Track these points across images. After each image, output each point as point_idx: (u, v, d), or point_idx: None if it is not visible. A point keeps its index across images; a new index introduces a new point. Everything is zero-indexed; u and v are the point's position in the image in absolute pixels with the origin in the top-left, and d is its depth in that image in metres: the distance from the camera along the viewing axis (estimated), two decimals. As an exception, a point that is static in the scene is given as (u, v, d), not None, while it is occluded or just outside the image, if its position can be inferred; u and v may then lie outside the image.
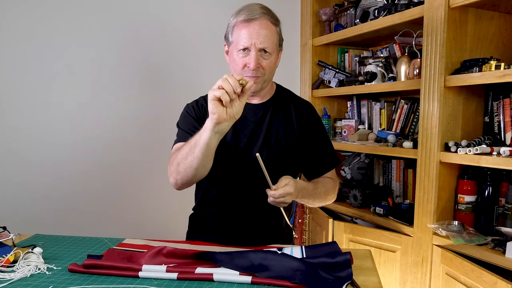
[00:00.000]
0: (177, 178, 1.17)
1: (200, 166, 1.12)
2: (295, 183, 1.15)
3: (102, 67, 2.13)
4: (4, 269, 0.96)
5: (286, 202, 1.14)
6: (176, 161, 1.17)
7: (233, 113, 1.05)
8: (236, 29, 1.22)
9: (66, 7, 2.03)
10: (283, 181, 1.14)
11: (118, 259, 1.00)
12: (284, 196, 1.12)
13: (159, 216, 2.29)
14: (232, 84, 1.01)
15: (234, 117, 1.07)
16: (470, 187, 1.64)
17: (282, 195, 1.11)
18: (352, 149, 2.21)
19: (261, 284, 0.90)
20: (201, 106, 1.33)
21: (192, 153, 1.11)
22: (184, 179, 1.17)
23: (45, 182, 2.04)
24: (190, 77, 2.32)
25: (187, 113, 1.34)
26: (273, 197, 1.12)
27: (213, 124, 1.05)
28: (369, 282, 0.93)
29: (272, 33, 1.22)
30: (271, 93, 1.35)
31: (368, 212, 2.05)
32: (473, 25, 1.67)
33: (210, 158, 1.13)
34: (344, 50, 2.57)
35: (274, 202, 1.13)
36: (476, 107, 1.72)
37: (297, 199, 1.21)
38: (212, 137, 1.07)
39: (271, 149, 1.29)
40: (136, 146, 2.23)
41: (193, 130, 1.25)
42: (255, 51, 1.19)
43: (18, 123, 1.99)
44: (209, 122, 1.06)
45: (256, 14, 1.20)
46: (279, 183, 1.13)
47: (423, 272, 1.71)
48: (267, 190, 1.13)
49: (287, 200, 1.13)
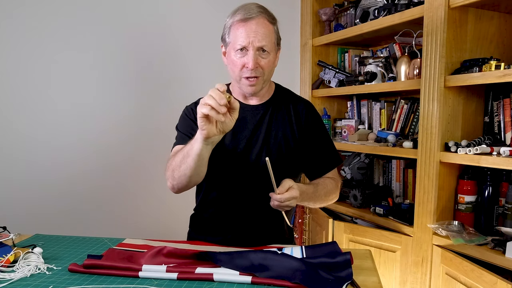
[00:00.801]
0: (173, 184, 1.19)
1: (194, 174, 1.14)
2: (298, 187, 1.14)
3: (102, 68, 2.13)
4: (4, 269, 0.96)
5: (291, 206, 1.13)
6: (171, 167, 1.18)
7: (223, 128, 1.05)
8: (233, 29, 1.21)
9: (66, 8, 2.03)
10: (286, 184, 1.12)
11: (118, 259, 1.00)
12: (290, 200, 1.11)
13: (159, 216, 2.29)
14: (217, 99, 0.98)
15: (225, 131, 1.07)
16: (470, 187, 1.64)
17: (288, 199, 1.10)
18: (352, 149, 2.21)
19: (261, 284, 0.90)
20: None
21: (185, 162, 1.12)
22: (180, 185, 1.18)
23: (45, 182, 2.04)
24: (190, 79, 2.32)
25: (186, 115, 1.34)
26: (279, 201, 1.10)
27: (202, 138, 1.05)
28: (369, 282, 0.93)
29: (269, 32, 1.21)
30: (270, 93, 1.34)
31: (368, 212, 2.05)
32: (473, 25, 1.67)
33: (203, 167, 1.13)
34: (344, 50, 2.57)
35: (279, 206, 1.12)
36: (476, 107, 1.72)
37: (297, 202, 1.20)
38: (203, 148, 1.07)
39: (271, 151, 1.28)
40: (137, 146, 2.23)
41: (191, 133, 1.25)
42: (253, 51, 1.18)
43: (18, 123, 1.99)
44: (199, 135, 1.06)
45: (253, 13, 1.19)
46: (282, 187, 1.12)
47: (423, 272, 1.71)
48: (271, 194, 1.11)
49: (292, 204, 1.12)
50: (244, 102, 1.32)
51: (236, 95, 1.33)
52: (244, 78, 1.22)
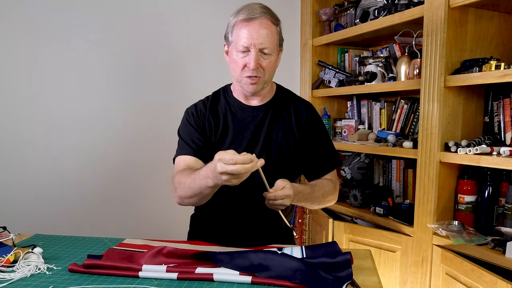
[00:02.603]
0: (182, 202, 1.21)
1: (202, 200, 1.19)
2: (292, 186, 1.14)
3: (103, 68, 2.13)
4: (4, 269, 0.96)
5: (285, 205, 1.13)
6: (180, 188, 1.18)
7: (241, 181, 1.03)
8: (236, 29, 1.21)
9: (67, 8, 2.03)
10: (280, 183, 1.12)
11: (118, 259, 1.00)
12: (283, 198, 1.11)
13: (159, 216, 2.29)
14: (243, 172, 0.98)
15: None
16: (470, 187, 1.64)
17: (281, 197, 1.10)
18: (352, 149, 2.21)
19: (261, 284, 0.90)
20: (200, 112, 1.32)
21: (193, 189, 1.13)
22: (188, 205, 1.23)
23: (45, 182, 2.04)
24: (191, 79, 2.32)
25: (187, 121, 1.34)
26: (272, 199, 1.10)
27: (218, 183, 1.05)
28: (369, 282, 0.93)
29: (272, 33, 1.21)
30: (271, 94, 1.35)
31: (368, 212, 2.05)
32: (473, 25, 1.67)
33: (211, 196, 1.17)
34: (344, 50, 2.57)
35: (273, 204, 1.12)
36: (476, 107, 1.72)
37: (293, 202, 1.20)
38: (214, 188, 1.10)
39: (271, 152, 1.28)
40: (137, 146, 2.23)
41: (193, 140, 1.28)
42: (255, 51, 1.18)
43: (18, 123, 1.99)
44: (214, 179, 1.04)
45: (256, 13, 1.19)
46: (275, 186, 1.12)
47: (423, 272, 1.71)
48: (265, 194, 1.11)
49: (285, 203, 1.12)
50: (246, 103, 1.32)
51: (237, 95, 1.33)
52: (245, 77, 1.22)
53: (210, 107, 1.32)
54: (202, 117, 1.32)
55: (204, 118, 1.31)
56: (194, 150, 1.27)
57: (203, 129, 1.30)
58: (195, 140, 1.28)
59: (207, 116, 1.31)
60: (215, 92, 1.38)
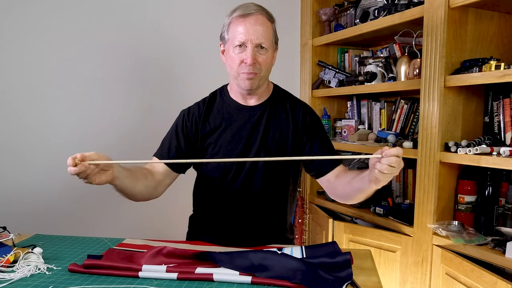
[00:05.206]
0: None
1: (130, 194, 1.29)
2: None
3: (103, 68, 2.13)
4: (4, 269, 0.96)
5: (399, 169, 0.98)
6: None
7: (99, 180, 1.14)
8: (232, 26, 1.23)
9: (66, 8, 2.03)
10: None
11: (118, 259, 1.00)
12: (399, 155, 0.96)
13: (159, 216, 2.29)
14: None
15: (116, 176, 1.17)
16: (470, 187, 1.64)
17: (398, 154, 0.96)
18: (352, 149, 2.21)
19: (261, 284, 0.90)
20: (191, 116, 1.34)
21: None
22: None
23: (45, 182, 2.04)
24: (190, 79, 2.32)
25: (176, 124, 1.37)
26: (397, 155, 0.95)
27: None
28: (369, 282, 0.93)
29: (268, 29, 1.23)
30: (268, 93, 1.35)
31: (368, 212, 2.05)
32: (473, 25, 1.67)
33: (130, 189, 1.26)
34: (344, 50, 2.57)
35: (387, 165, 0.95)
36: (476, 107, 1.72)
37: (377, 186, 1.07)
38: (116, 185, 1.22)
39: (268, 152, 1.28)
40: (136, 146, 2.22)
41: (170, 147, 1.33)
42: (252, 47, 1.19)
43: (18, 123, 1.98)
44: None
45: (252, 10, 1.21)
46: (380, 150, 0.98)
47: (423, 272, 1.71)
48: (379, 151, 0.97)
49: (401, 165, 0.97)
50: (242, 103, 1.32)
51: (234, 96, 1.34)
52: (242, 73, 1.22)
53: (205, 109, 1.33)
54: (192, 121, 1.33)
55: (194, 122, 1.33)
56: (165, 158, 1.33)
57: (186, 137, 1.33)
58: (172, 148, 1.33)
59: (201, 119, 1.32)
60: (212, 93, 1.39)
